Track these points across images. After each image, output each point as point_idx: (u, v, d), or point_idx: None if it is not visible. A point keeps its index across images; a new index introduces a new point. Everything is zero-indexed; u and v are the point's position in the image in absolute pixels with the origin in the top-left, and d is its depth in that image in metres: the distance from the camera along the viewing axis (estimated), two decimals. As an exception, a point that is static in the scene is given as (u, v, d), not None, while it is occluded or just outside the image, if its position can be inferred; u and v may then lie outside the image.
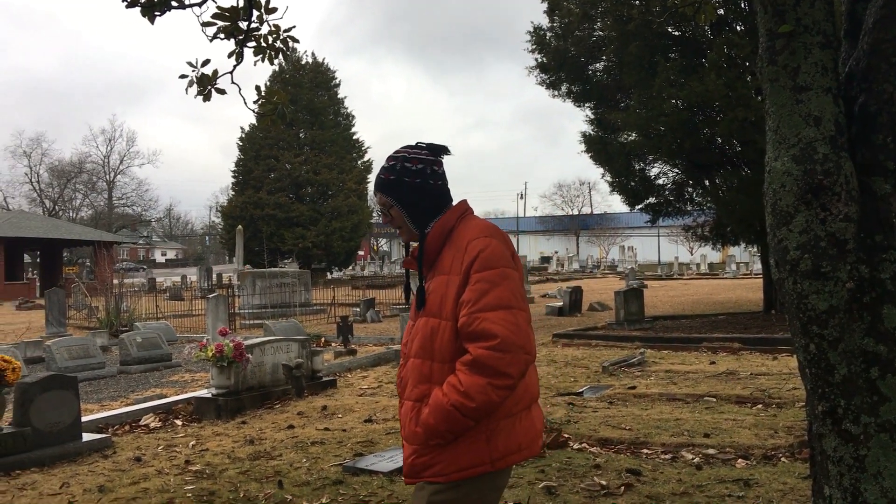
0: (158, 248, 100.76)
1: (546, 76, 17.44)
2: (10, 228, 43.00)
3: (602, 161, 17.57)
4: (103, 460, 6.16)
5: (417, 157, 2.41)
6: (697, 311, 18.87)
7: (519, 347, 2.16)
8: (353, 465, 5.48)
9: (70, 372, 9.56)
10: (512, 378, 2.16)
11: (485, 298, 2.18)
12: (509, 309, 2.18)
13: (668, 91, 13.96)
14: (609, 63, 16.93)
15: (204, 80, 5.91)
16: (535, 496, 4.71)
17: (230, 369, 8.06)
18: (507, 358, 2.14)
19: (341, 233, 43.27)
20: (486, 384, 2.13)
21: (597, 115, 17.71)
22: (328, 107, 45.63)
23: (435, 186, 2.41)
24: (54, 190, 74.11)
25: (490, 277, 2.21)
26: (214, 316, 14.47)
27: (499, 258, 2.24)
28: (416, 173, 2.39)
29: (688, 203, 18.16)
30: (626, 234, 67.40)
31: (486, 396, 2.14)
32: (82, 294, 24.79)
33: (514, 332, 2.16)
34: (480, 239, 2.27)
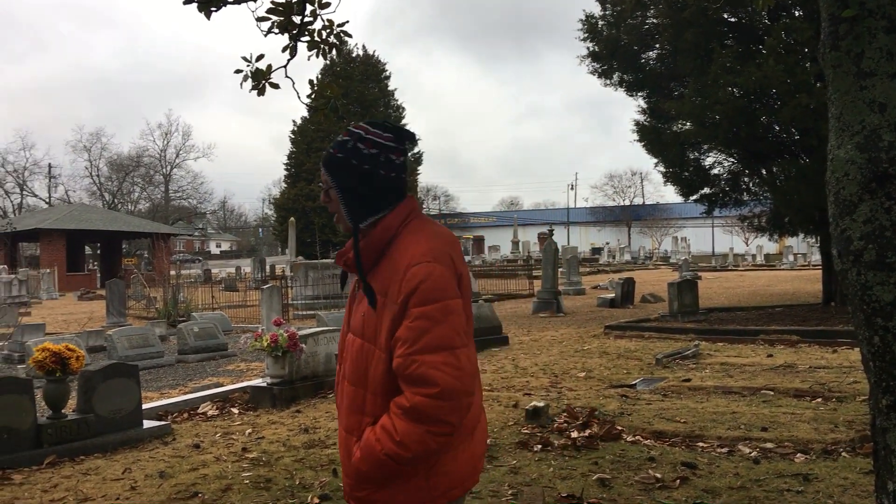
0: (213, 240, 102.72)
1: (598, 65, 17.26)
2: (71, 221, 44.27)
3: (655, 151, 17.34)
4: (163, 447, 6.32)
5: (374, 139, 2.08)
6: (753, 302, 18.53)
7: (461, 393, 1.94)
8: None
9: (130, 361, 9.81)
10: (452, 425, 1.95)
11: (424, 338, 1.92)
12: (451, 350, 1.93)
13: (725, 78, 13.69)
14: (662, 51, 16.68)
15: (258, 75, 5.99)
16: (588, 488, 4.70)
17: (284, 359, 8.19)
18: (448, 406, 1.91)
19: (392, 224, 43.48)
20: (424, 432, 1.92)
21: (650, 104, 17.48)
22: (378, 99, 45.94)
23: (385, 178, 2.08)
24: (113, 183, 76.02)
25: (430, 313, 1.94)
26: (268, 306, 14.70)
27: (442, 289, 1.96)
28: (367, 158, 2.07)
29: (744, 193, 17.81)
30: (679, 225, 66.47)
31: (424, 445, 1.93)
32: (141, 285, 25.40)
33: (456, 377, 1.92)
34: (422, 266, 1.97)
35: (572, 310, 18.64)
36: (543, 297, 18.50)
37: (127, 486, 5.12)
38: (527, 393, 8.00)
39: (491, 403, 7.41)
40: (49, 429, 5.99)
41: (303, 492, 4.86)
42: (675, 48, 15.39)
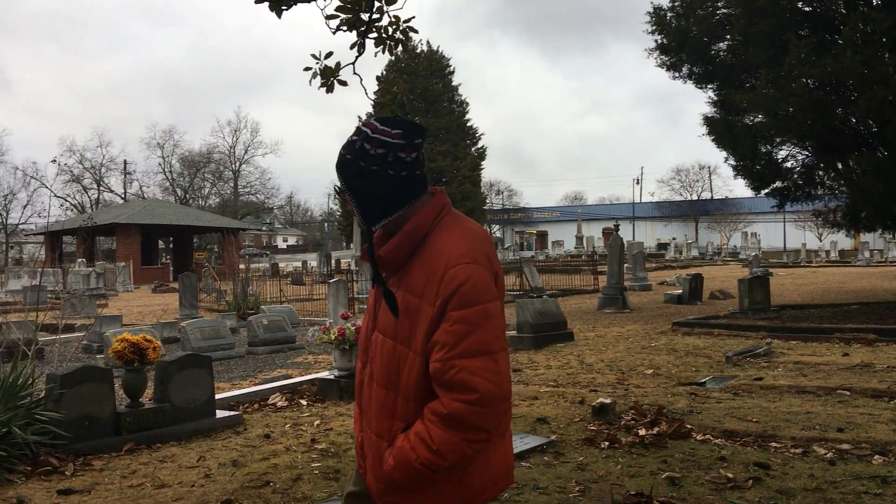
0: (280, 235, 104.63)
1: (666, 57, 16.97)
2: (146, 216, 45.65)
3: (725, 144, 16.96)
4: (235, 436, 6.48)
5: (381, 138, 1.98)
6: (828, 300, 17.97)
7: (501, 399, 1.89)
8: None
9: (203, 352, 10.07)
10: (489, 432, 1.90)
11: (463, 343, 1.87)
12: (491, 355, 1.88)
13: (799, 69, 13.30)
14: (734, 42, 16.30)
15: (327, 73, 6.08)
16: (657, 486, 4.64)
17: (351, 352, 8.29)
18: (487, 412, 1.87)
19: (455, 219, 43.60)
20: (461, 440, 1.87)
21: (720, 97, 17.11)
22: (442, 94, 46.04)
23: (396, 177, 1.99)
24: (185, 179, 78.06)
25: (470, 317, 1.88)
26: (335, 300, 14.90)
27: (482, 291, 1.90)
28: (374, 158, 1.98)
29: (818, 187, 17.31)
30: (749, 220, 64.93)
31: (461, 453, 1.88)
32: (211, 278, 26.04)
33: (496, 383, 1.87)
34: (461, 267, 1.90)
35: (638, 306, 18.39)
36: (609, 293, 18.30)
37: (202, 474, 5.27)
38: (593, 389, 7.94)
39: (556, 399, 7.38)
40: (127, 417, 6.20)
41: (371, 483, 4.92)
42: (746, 39, 15.02)
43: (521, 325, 11.66)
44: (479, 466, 1.97)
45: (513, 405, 7.11)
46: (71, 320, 17.01)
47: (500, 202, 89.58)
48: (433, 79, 46.01)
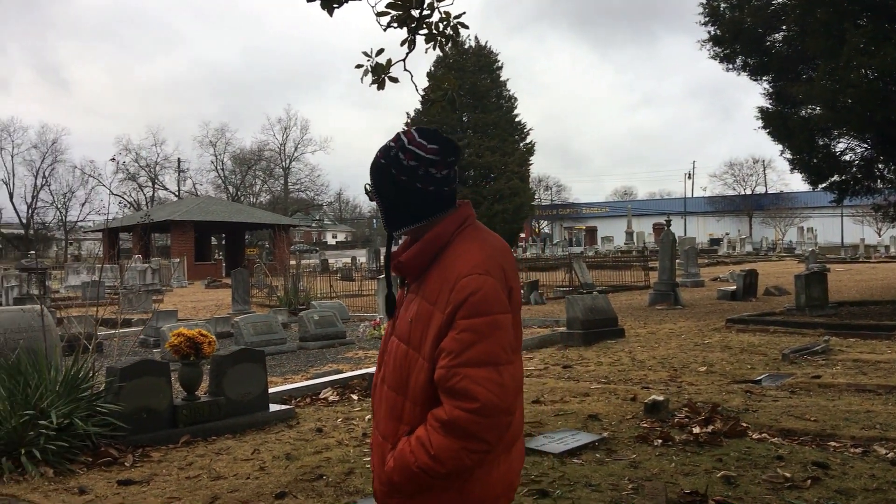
0: (329, 231, 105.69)
1: (719, 49, 16.67)
2: (199, 213, 46.50)
3: (781, 137, 16.60)
4: (288, 430, 6.57)
5: (416, 151, 2.02)
6: (888, 296, 17.48)
7: (502, 412, 1.88)
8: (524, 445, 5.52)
9: (255, 346, 10.22)
10: (489, 443, 1.90)
11: (469, 352, 1.88)
12: (496, 366, 1.89)
13: (858, 60, 12.94)
14: (790, 33, 15.93)
15: (378, 70, 6.11)
16: (713, 485, 4.57)
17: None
18: (487, 423, 1.87)
19: (504, 215, 43.51)
20: (460, 449, 1.87)
21: (775, 89, 16.74)
22: (490, 90, 45.89)
23: (424, 191, 2.03)
24: (236, 176, 79.33)
25: (478, 327, 1.89)
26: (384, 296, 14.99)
27: (492, 302, 1.92)
28: (406, 170, 2.02)
29: (878, 180, 16.84)
30: (805, 215, 63.49)
31: (459, 462, 1.89)
32: (263, 274, 26.41)
33: (498, 394, 1.87)
34: (473, 277, 1.93)
35: (691, 302, 18.12)
36: (660, 289, 18.06)
37: (256, 466, 5.35)
38: (645, 386, 7.85)
39: (608, 396, 7.32)
40: (184, 410, 6.32)
41: (422, 478, 4.94)
42: (803, 29, 14.67)
43: (571, 322, 11.58)
44: (480, 479, 1.97)
45: (564, 401, 7.10)
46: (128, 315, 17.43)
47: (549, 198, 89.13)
48: (481, 74, 45.89)
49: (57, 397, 5.70)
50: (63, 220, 74.43)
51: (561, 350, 10.92)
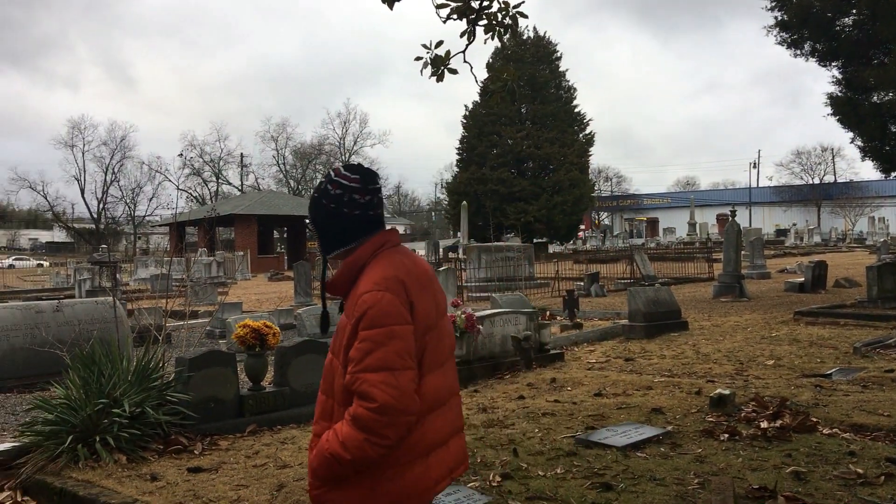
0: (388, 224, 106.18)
1: (787, 34, 16.21)
2: (261, 207, 47.34)
3: (851, 124, 16.09)
4: (351, 420, 6.64)
5: (340, 181, 2.35)
6: (966, 288, 16.78)
7: (398, 412, 2.13)
8: (586, 438, 5.49)
9: (318, 338, 10.37)
10: (389, 439, 2.14)
11: (367, 359, 2.15)
12: (391, 371, 2.14)
13: (934, 42, 12.44)
14: (860, 16, 15.40)
15: (437, 62, 6.11)
16: (782, 481, 4.46)
17: (462, 340, 8.35)
18: (385, 421, 2.12)
19: (563, 207, 43.17)
20: (364, 440, 2.13)
21: (845, 75, 16.21)
22: (549, 80, 45.52)
23: (349, 216, 2.34)
24: (297, 171, 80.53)
25: (375, 337, 2.16)
26: (444, 288, 15.05)
27: (386, 316, 2.17)
28: (333, 198, 2.34)
29: (955, 168, 16.16)
30: (877, 205, 61.41)
31: (362, 452, 2.14)
32: (324, 267, 26.73)
33: (394, 396, 2.12)
34: (372, 293, 2.20)
35: (757, 294, 17.71)
36: (725, 281, 17.71)
37: (320, 456, 5.43)
38: (710, 380, 7.71)
39: (671, 389, 7.22)
40: (250, 399, 6.45)
41: (484, 469, 4.95)
42: (874, 13, 14.16)
43: (633, 314, 11.44)
44: (392, 479, 2.21)
45: (626, 394, 7.03)
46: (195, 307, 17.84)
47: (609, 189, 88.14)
48: (540, 65, 45.53)
49: (129, 386, 5.87)
50: (131, 215, 76.63)
51: (622, 342, 10.80)
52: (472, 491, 4.43)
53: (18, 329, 9.02)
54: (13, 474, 5.28)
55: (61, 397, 5.83)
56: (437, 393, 2.30)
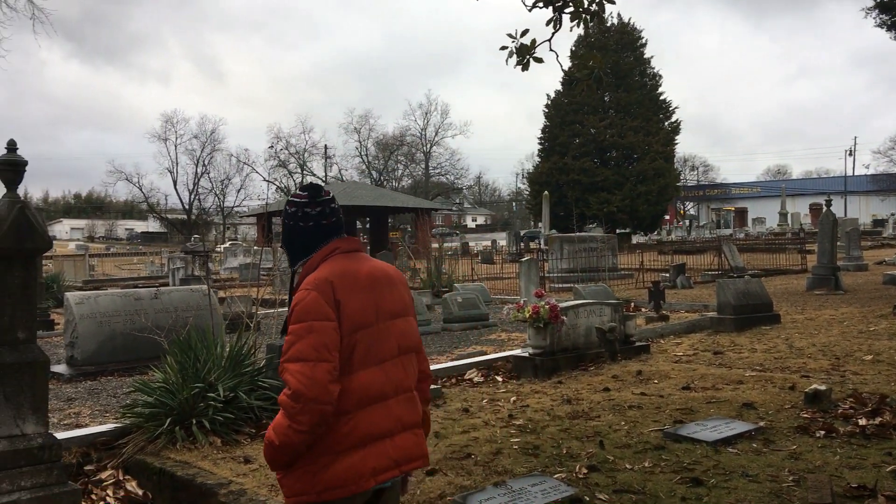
0: (469, 214, 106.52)
1: (886, 16, 15.47)
2: (345, 197, 48.02)
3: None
4: (435, 409, 6.70)
5: (294, 199, 2.62)
6: None
7: (310, 400, 2.31)
8: (674, 432, 5.39)
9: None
10: (304, 425, 2.33)
11: (290, 350, 2.37)
12: (306, 362, 2.33)
13: None
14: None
15: (523, 51, 6.08)
16: (882, 479, 4.29)
17: (546, 330, 8.31)
18: (298, 408, 2.31)
19: (647, 196, 42.41)
20: (287, 426, 2.35)
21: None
22: (634, 68, 44.72)
23: (304, 228, 2.59)
24: (380, 162, 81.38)
25: (297, 331, 2.38)
26: (527, 278, 14.98)
27: (308, 312, 2.38)
28: (289, 215, 2.61)
29: None
30: (984, 193, 58.03)
31: (287, 437, 2.35)
32: (406, 256, 26.99)
33: (306, 385, 2.31)
34: (301, 292, 2.45)
35: (853, 287, 17.00)
36: (819, 273, 17.05)
37: (406, 443, 5.50)
38: (804, 375, 7.45)
39: (764, 384, 7.01)
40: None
41: (570, 461, 4.92)
42: None
43: (722, 307, 11.15)
44: (327, 466, 2.40)
45: (716, 389, 6.87)
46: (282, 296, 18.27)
47: (695, 178, 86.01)
48: (624, 52, 44.73)
49: (223, 372, 6.07)
50: (221, 206, 78.98)
51: (711, 335, 10.54)
52: (558, 482, 4.41)
53: (119, 315, 9.44)
54: (116, 454, 5.54)
55: (160, 381, 6.08)
56: (371, 388, 2.44)
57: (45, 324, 13.65)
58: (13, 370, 3.98)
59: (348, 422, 2.41)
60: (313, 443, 2.39)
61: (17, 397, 4.00)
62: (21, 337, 4.06)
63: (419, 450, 2.60)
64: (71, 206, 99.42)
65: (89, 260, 36.11)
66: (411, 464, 2.56)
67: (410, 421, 2.57)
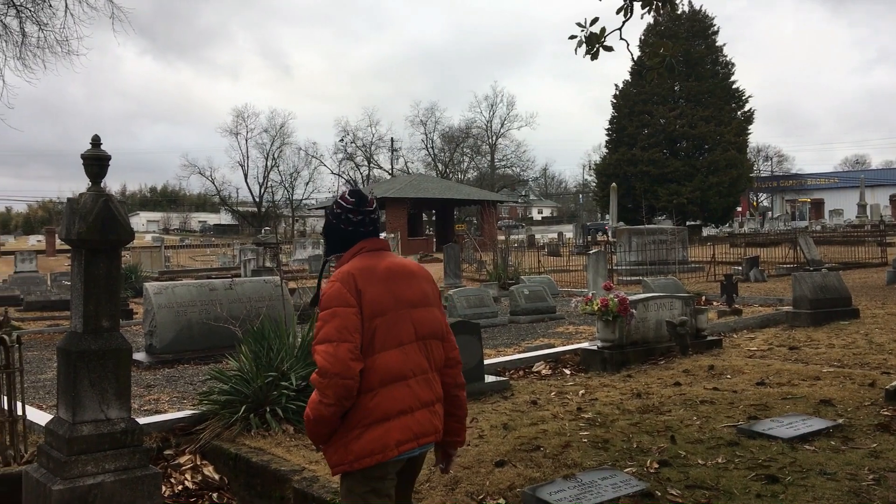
0: (535, 206, 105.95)
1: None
2: (411, 190, 48.36)
3: None
4: (503, 401, 6.71)
5: (342, 205, 3.01)
6: None
7: (334, 375, 2.65)
8: (749, 428, 5.27)
9: (468, 319, 10.52)
10: (330, 399, 2.68)
11: (319, 334, 2.74)
12: (331, 342, 2.69)
13: None
14: None
15: (592, 39, 6.02)
16: (971, 483, 4.12)
17: (615, 323, 8.23)
18: (325, 383, 2.67)
19: (718, 188, 41.49)
20: (318, 402, 2.71)
21: None
22: (705, 56, 43.73)
23: (344, 230, 2.98)
24: (445, 154, 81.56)
25: (324, 316, 2.76)
26: (595, 271, 14.85)
27: (332, 300, 2.76)
28: (335, 214, 3.00)
29: None
30: None
31: (318, 412, 2.71)
32: (473, 249, 27.02)
33: (330, 362, 2.66)
34: (329, 284, 2.83)
35: (937, 281, 16.33)
36: (900, 267, 16.44)
37: (475, 435, 5.52)
38: (885, 371, 7.20)
39: (842, 381, 6.80)
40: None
41: (641, 455, 4.87)
42: None
43: (798, 300, 10.84)
44: (357, 438, 2.73)
45: (792, 385, 6.71)
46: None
47: (769, 169, 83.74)
48: (695, 40, 43.74)
49: (295, 361, 6.20)
50: (290, 199, 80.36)
51: (786, 330, 10.26)
52: (629, 476, 4.37)
53: (195, 305, 9.72)
54: (193, 439, 5.71)
55: (235, 370, 6.24)
56: (392, 368, 2.77)
57: (124, 313, 14.15)
58: (98, 357, 4.13)
59: (373, 398, 2.74)
60: (346, 417, 2.74)
61: (102, 383, 4.15)
62: (105, 325, 4.21)
63: (432, 426, 2.88)
64: (147, 200, 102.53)
65: (165, 251, 37.22)
66: (427, 438, 2.86)
67: (427, 399, 2.87)
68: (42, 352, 11.09)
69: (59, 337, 12.08)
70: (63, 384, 4.19)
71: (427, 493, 4.33)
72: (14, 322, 12.99)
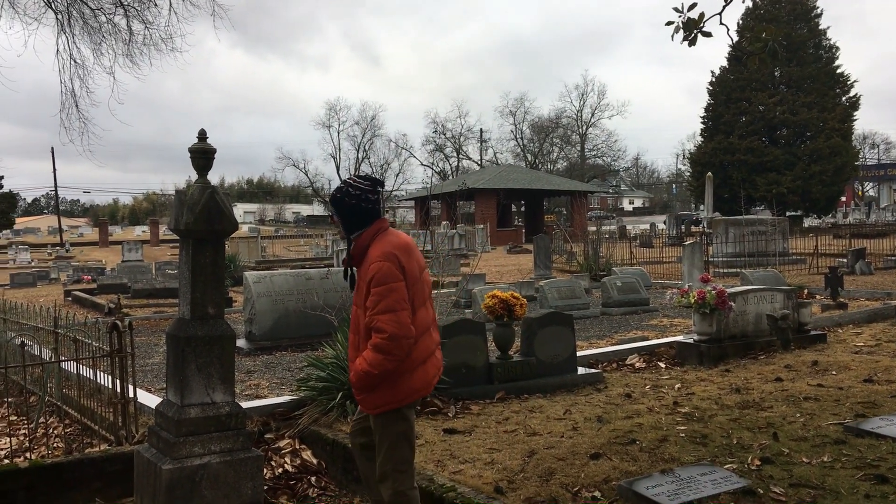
0: (626, 197, 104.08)
1: None
2: (500, 181, 48.29)
3: None
4: (596, 393, 6.64)
5: (358, 185, 3.54)
6: None
7: (400, 337, 3.33)
8: (856, 426, 5.06)
9: (559, 310, 10.44)
10: (398, 356, 3.34)
11: (378, 306, 3.34)
12: (394, 312, 3.33)
13: None
14: None
15: (690, 25, 5.85)
16: None
17: (712, 316, 8.02)
18: (394, 344, 3.32)
19: (821, 177, 39.80)
20: (383, 359, 3.33)
21: None
22: (807, 40, 41.93)
23: (364, 209, 3.51)
24: (534, 144, 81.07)
25: (381, 291, 3.35)
26: (690, 263, 14.50)
27: (386, 276, 3.36)
28: (353, 196, 3.51)
29: None
30: None
31: (383, 367, 3.34)
32: (563, 240, 26.77)
33: (396, 327, 3.32)
34: (376, 264, 3.39)
35: None
36: None
37: (569, 426, 5.49)
38: None
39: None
40: (498, 367, 6.66)
41: (741, 451, 4.74)
42: None
43: (909, 294, 10.31)
44: (405, 380, 3.44)
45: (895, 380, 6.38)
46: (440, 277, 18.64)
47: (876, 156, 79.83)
48: (797, 24, 41.94)
49: (389, 350, 6.27)
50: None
51: (895, 326, 9.78)
52: (730, 473, 4.26)
53: (292, 294, 9.98)
54: (292, 424, 5.87)
55: (331, 357, 6.37)
56: (424, 322, 3.51)
57: (225, 301, 14.65)
58: (204, 343, 4.30)
59: (416, 347, 3.45)
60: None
61: (208, 368, 4.31)
62: (211, 312, 4.37)
63: (441, 361, 3.67)
64: (244, 191, 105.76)
65: (261, 242, 38.33)
66: (440, 372, 3.65)
67: (438, 342, 3.67)
68: (149, 337, 11.62)
69: (165, 323, 12.64)
70: (171, 368, 4.37)
71: (521, 484, 4.33)
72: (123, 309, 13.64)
